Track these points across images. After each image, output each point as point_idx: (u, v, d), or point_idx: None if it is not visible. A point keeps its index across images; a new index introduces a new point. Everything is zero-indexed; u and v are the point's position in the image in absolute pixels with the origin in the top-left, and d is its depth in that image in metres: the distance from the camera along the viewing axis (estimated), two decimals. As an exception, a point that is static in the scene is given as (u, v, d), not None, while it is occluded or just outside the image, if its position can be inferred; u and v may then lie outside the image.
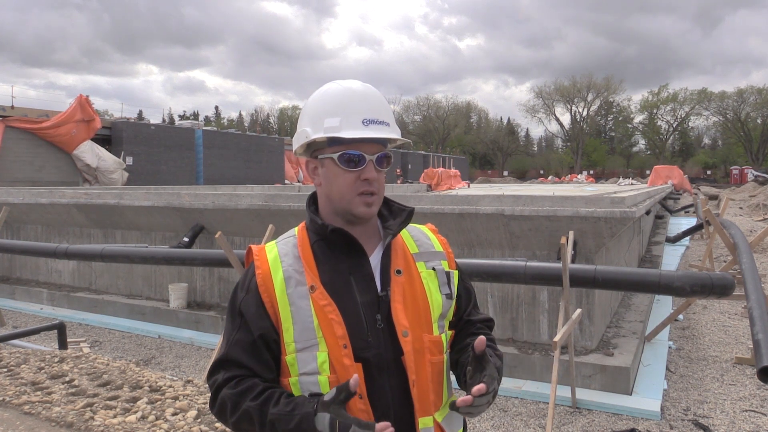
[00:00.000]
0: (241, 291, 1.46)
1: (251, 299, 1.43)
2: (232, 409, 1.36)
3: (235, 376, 1.40)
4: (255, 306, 1.42)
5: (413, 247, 1.55)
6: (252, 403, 1.35)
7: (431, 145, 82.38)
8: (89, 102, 22.27)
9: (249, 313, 1.42)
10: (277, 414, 1.31)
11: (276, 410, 1.32)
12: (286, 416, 1.30)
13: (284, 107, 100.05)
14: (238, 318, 1.44)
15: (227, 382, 1.40)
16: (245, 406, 1.35)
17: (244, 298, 1.45)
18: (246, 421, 1.35)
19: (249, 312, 1.42)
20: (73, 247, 7.27)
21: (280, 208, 7.07)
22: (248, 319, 1.42)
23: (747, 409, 4.96)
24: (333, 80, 1.53)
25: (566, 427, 4.67)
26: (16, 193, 10.73)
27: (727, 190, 35.98)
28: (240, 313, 1.44)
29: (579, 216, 5.50)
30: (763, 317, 3.71)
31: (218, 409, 1.41)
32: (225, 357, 1.42)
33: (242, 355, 1.40)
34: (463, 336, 1.57)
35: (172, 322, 7.85)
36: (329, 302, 1.38)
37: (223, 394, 1.39)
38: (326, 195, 1.48)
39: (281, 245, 1.50)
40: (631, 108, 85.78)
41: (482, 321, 1.61)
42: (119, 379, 4.16)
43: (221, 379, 1.40)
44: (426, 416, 1.41)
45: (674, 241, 14.31)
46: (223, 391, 1.39)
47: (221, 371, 1.42)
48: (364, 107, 1.44)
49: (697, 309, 8.38)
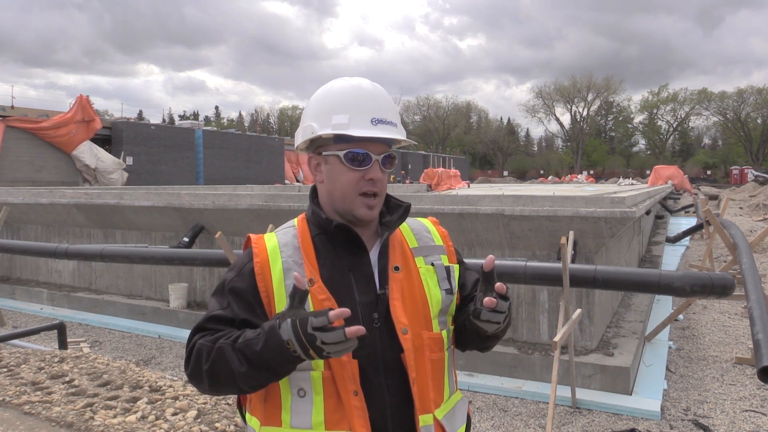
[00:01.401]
0: (233, 273, 1.43)
1: (245, 284, 1.39)
2: (207, 355, 1.31)
3: (210, 329, 1.36)
4: (248, 291, 1.38)
5: (412, 241, 1.53)
6: (225, 341, 1.30)
7: (431, 145, 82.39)
8: (90, 102, 22.26)
9: (238, 296, 1.39)
10: (244, 340, 1.27)
11: (244, 338, 1.28)
12: (253, 339, 1.25)
13: (284, 107, 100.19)
14: (227, 297, 1.40)
15: (202, 336, 1.36)
16: (219, 345, 1.30)
17: (234, 279, 1.41)
18: (221, 360, 1.29)
19: (238, 295, 1.39)
20: (73, 247, 7.27)
21: (280, 208, 7.07)
22: (236, 301, 1.38)
23: (747, 409, 4.96)
24: (338, 78, 1.51)
25: (566, 427, 4.67)
26: (16, 193, 10.73)
27: (727, 190, 35.97)
28: (230, 292, 1.40)
29: (579, 216, 5.50)
30: (763, 317, 3.71)
31: (193, 363, 1.34)
32: (201, 325, 1.38)
33: (219, 324, 1.36)
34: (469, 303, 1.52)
35: (172, 322, 7.85)
36: (328, 296, 1.37)
37: (198, 345, 1.34)
38: (328, 192, 1.46)
39: (281, 235, 1.48)
40: (631, 108, 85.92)
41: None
42: (119, 379, 4.16)
43: (198, 337, 1.36)
44: (426, 414, 1.40)
45: (674, 241, 14.30)
46: (198, 342, 1.34)
47: (196, 336, 1.37)
48: (373, 106, 1.43)
49: (697, 309, 8.37)
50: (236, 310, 1.37)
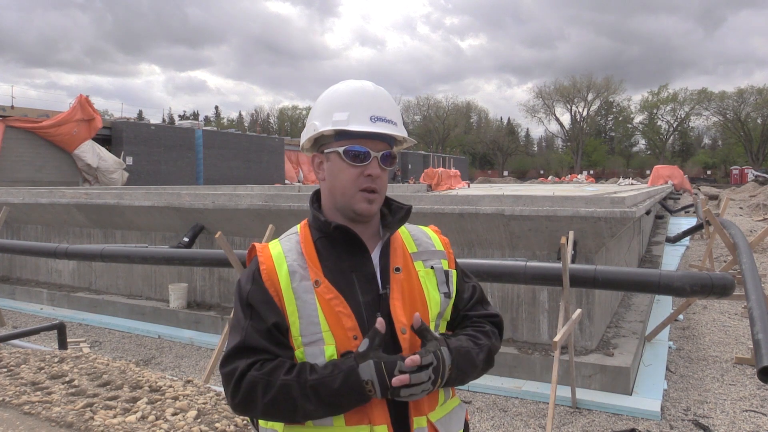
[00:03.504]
0: (246, 284, 1.45)
1: (259, 291, 1.41)
2: (265, 389, 1.30)
3: (258, 360, 1.35)
4: (264, 298, 1.40)
5: (412, 246, 1.56)
6: (287, 376, 1.31)
7: (431, 145, 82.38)
8: (89, 101, 22.23)
9: (259, 304, 1.40)
10: (317, 379, 1.29)
11: (315, 376, 1.30)
12: (328, 377, 1.29)
13: (284, 107, 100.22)
14: (248, 309, 1.41)
15: (251, 366, 1.34)
16: (280, 381, 1.30)
17: (251, 290, 1.43)
18: (283, 396, 1.29)
19: (258, 303, 1.40)
20: (73, 247, 7.27)
21: (280, 208, 7.07)
22: (259, 309, 1.40)
23: (747, 409, 4.96)
24: (342, 79, 1.55)
25: (566, 427, 4.67)
26: (16, 193, 10.73)
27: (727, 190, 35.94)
28: (249, 305, 1.41)
29: (579, 216, 5.50)
30: (763, 317, 3.71)
31: (246, 394, 1.32)
32: (242, 344, 1.37)
33: (260, 340, 1.37)
34: (458, 331, 1.56)
35: (172, 322, 7.85)
36: (336, 295, 1.39)
37: (250, 378, 1.32)
38: (329, 190, 1.49)
39: (284, 242, 1.51)
40: (631, 108, 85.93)
41: (482, 316, 1.59)
42: (119, 379, 4.16)
43: (244, 365, 1.34)
44: (420, 416, 1.41)
45: (674, 241, 14.30)
46: (248, 375, 1.33)
47: (242, 359, 1.35)
48: (373, 105, 1.47)
49: (697, 309, 8.37)
50: (263, 317, 1.39)
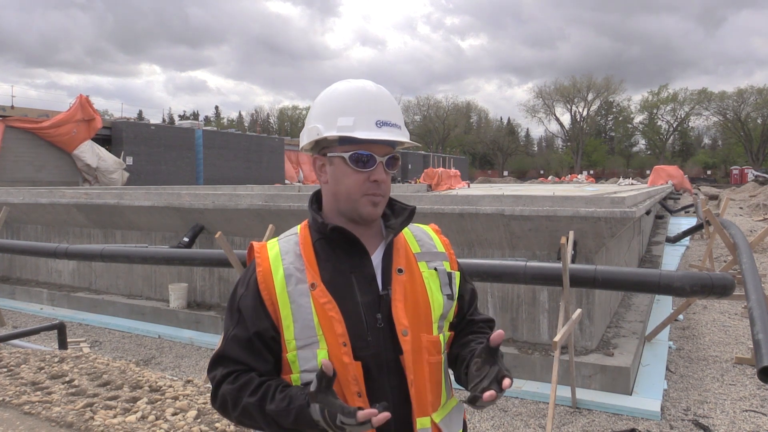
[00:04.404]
0: (241, 287, 1.48)
1: (250, 296, 1.44)
2: (233, 405, 1.40)
3: (232, 371, 1.43)
4: (253, 303, 1.43)
5: (415, 246, 1.55)
6: (250, 399, 1.38)
7: (431, 145, 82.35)
8: (89, 102, 22.23)
9: (247, 311, 1.44)
10: (275, 410, 1.34)
11: (273, 407, 1.35)
12: (283, 412, 1.33)
13: (284, 107, 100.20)
14: (236, 314, 1.46)
15: (226, 377, 1.43)
16: (244, 402, 1.38)
17: (243, 294, 1.46)
18: (247, 417, 1.39)
19: (247, 309, 1.44)
20: (73, 247, 7.27)
21: (280, 208, 7.07)
22: (246, 316, 1.44)
23: (747, 409, 4.96)
24: (342, 79, 1.53)
25: (566, 427, 4.67)
26: (16, 193, 10.73)
27: (727, 190, 35.96)
28: (238, 310, 1.46)
29: (579, 216, 5.50)
30: (763, 317, 3.71)
31: (220, 404, 1.44)
32: (222, 353, 1.46)
33: (239, 351, 1.43)
34: (465, 333, 1.57)
35: (172, 322, 7.85)
36: (329, 300, 1.39)
37: (223, 390, 1.42)
38: (332, 193, 1.47)
39: (283, 243, 1.51)
40: (631, 108, 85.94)
41: (484, 321, 1.63)
42: (119, 379, 4.16)
43: (220, 375, 1.43)
44: (423, 416, 1.41)
45: (674, 241, 14.31)
46: (222, 387, 1.42)
47: (219, 367, 1.45)
48: (378, 108, 1.44)
49: (697, 309, 8.37)
50: (247, 325, 1.43)
